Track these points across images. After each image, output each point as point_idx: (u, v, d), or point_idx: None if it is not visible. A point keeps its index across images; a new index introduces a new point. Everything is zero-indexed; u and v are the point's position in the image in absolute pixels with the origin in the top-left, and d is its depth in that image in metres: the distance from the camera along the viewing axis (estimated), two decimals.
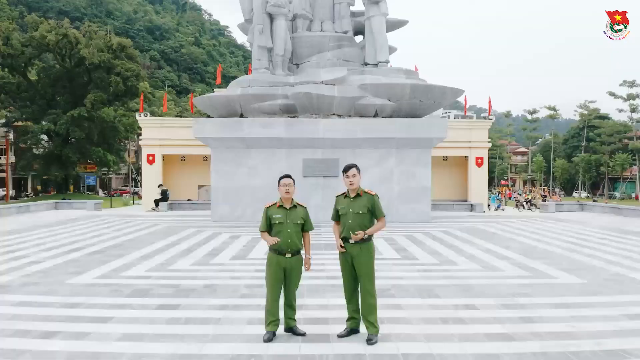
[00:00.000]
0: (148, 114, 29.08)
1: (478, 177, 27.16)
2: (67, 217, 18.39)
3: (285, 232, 4.93)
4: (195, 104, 18.87)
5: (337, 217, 5.09)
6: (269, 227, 5.01)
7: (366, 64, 18.81)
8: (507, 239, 12.68)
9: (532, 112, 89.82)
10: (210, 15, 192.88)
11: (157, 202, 22.57)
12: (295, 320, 5.08)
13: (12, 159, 57.80)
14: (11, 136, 56.59)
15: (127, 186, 76.61)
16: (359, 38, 20.43)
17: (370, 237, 4.89)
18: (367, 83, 17.28)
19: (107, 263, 9.17)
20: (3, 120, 54.07)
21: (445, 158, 28.13)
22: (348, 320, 5.07)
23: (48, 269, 8.59)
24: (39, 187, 65.23)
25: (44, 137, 56.04)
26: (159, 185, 23.55)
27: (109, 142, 58.46)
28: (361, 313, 4.92)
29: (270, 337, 4.86)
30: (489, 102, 30.33)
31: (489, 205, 26.77)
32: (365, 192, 5.00)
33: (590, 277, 8.06)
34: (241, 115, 17.90)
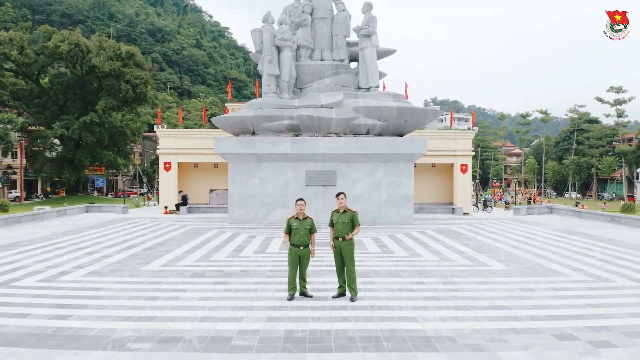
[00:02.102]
0: (165, 125, 32.17)
1: (462, 182, 30.34)
2: (105, 220, 21.50)
3: (299, 233, 8.04)
4: (213, 122, 21.95)
5: (332, 224, 8.21)
6: (289, 230, 8.12)
7: (359, 88, 21.94)
8: (468, 238, 15.83)
9: (524, 116, 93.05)
10: (210, 16, 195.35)
11: (177, 206, 25.68)
12: (306, 288, 8.21)
13: (23, 161, 60.68)
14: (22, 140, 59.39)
15: (134, 187, 79.66)
16: (354, 64, 23.54)
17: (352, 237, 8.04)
18: (360, 106, 20.41)
19: (162, 256, 12.29)
20: (18, 127, 56.78)
21: (433, 165, 31.30)
22: (338, 288, 8.21)
23: (121, 261, 11.71)
24: (48, 189, 68.17)
25: (56, 141, 58.90)
26: (180, 192, 26.68)
27: (119, 146, 61.37)
28: (346, 283, 8.04)
29: (291, 297, 7.98)
30: (473, 114, 33.46)
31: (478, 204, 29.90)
32: (349, 209, 8.12)
33: (515, 266, 11.19)
34: (253, 133, 21.02)
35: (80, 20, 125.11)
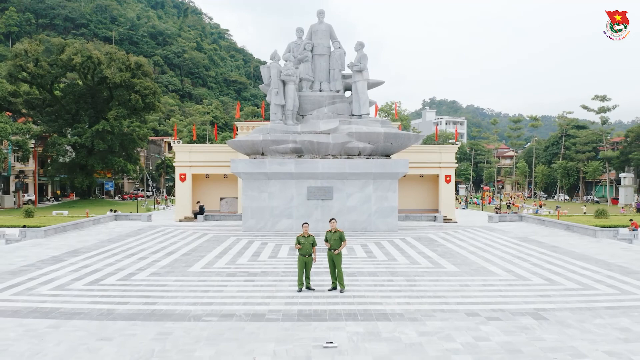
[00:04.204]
0: (180, 141, 35.98)
1: (447, 191, 34.22)
2: (136, 228, 25.29)
3: (305, 247, 11.87)
4: (228, 144, 25.79)
5: (326, 240, 12.03)
6: (298, 244, 11.94)
7: (352, 115, 25.76)
8: (439, 244, 19.67)
9: (516, 121, 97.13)
10: (210, 18, 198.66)
11: (195, 214, 29.50)
12: (310, 284, 12.04)
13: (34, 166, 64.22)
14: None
15: (140, 190, 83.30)
16: (348, 93, 27.34)
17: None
18: (353, 131, 24.22)
19: (199, 261, 16.09)
20: (35, 135, 60.08)
21: (421, 176, 35.17)
22: (331, 284, 12.05)
23: (169, 264, 15.49)
24: (58, 192, 71.87)
25: (69, 147, 62.43)
26: (197, 202, 30.50)
27: (128, 152, 64.90)
28: (337, 280, 11.86)
29: (300, 290, 11.82)
30: (456, 130, 37.31)
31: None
32: (338, 230, 11.95)
33: (464, 268, 15.00)
34: (262, 154, 24.84)
35: (83, 24, 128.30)
